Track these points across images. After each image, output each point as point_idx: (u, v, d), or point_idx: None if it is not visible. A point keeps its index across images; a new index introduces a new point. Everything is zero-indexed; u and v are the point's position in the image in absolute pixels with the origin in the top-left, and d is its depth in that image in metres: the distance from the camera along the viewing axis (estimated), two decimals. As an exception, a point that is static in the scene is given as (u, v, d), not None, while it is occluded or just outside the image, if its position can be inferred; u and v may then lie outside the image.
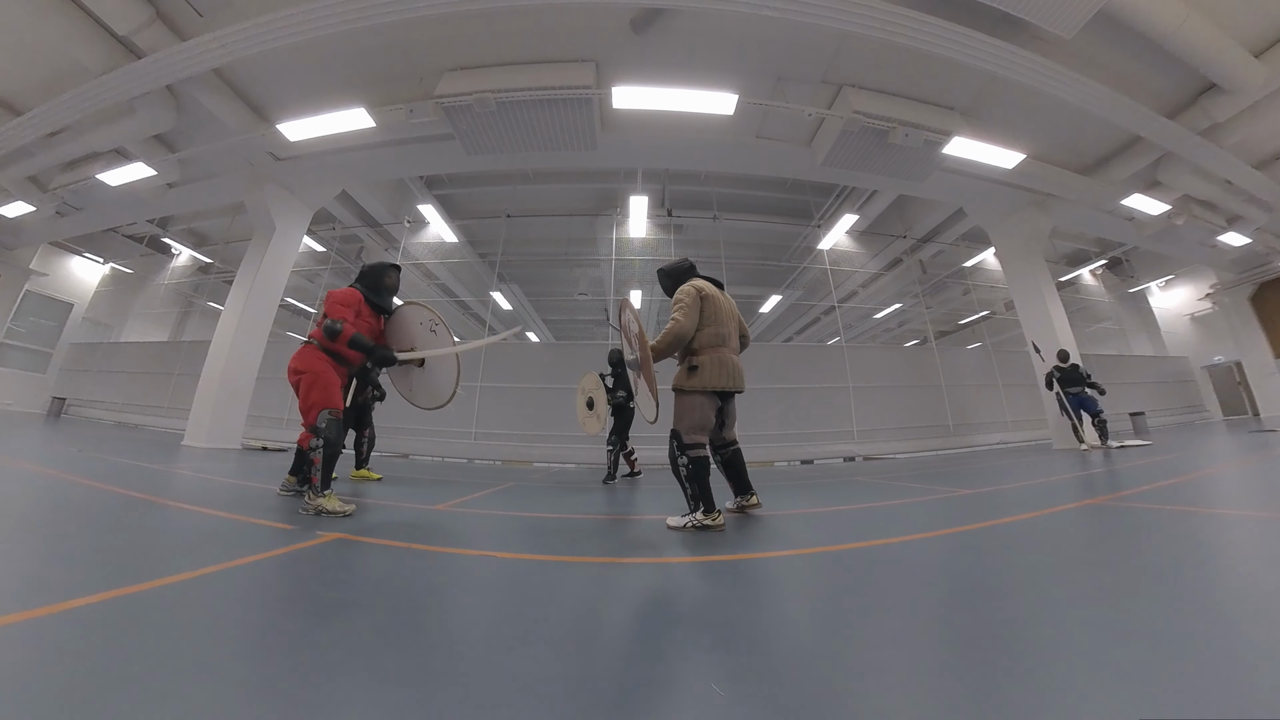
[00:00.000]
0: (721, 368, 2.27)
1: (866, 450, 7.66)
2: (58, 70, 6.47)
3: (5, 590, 1.07)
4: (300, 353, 2.52)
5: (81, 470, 3.13)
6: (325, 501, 2.24)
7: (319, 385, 2.42)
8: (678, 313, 2.30)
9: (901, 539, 1.90)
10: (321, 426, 2.33)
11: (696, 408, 2.25)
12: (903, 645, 0.95)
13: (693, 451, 2.19)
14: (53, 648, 0.80)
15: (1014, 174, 6.66)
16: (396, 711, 0.68)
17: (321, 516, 2.18)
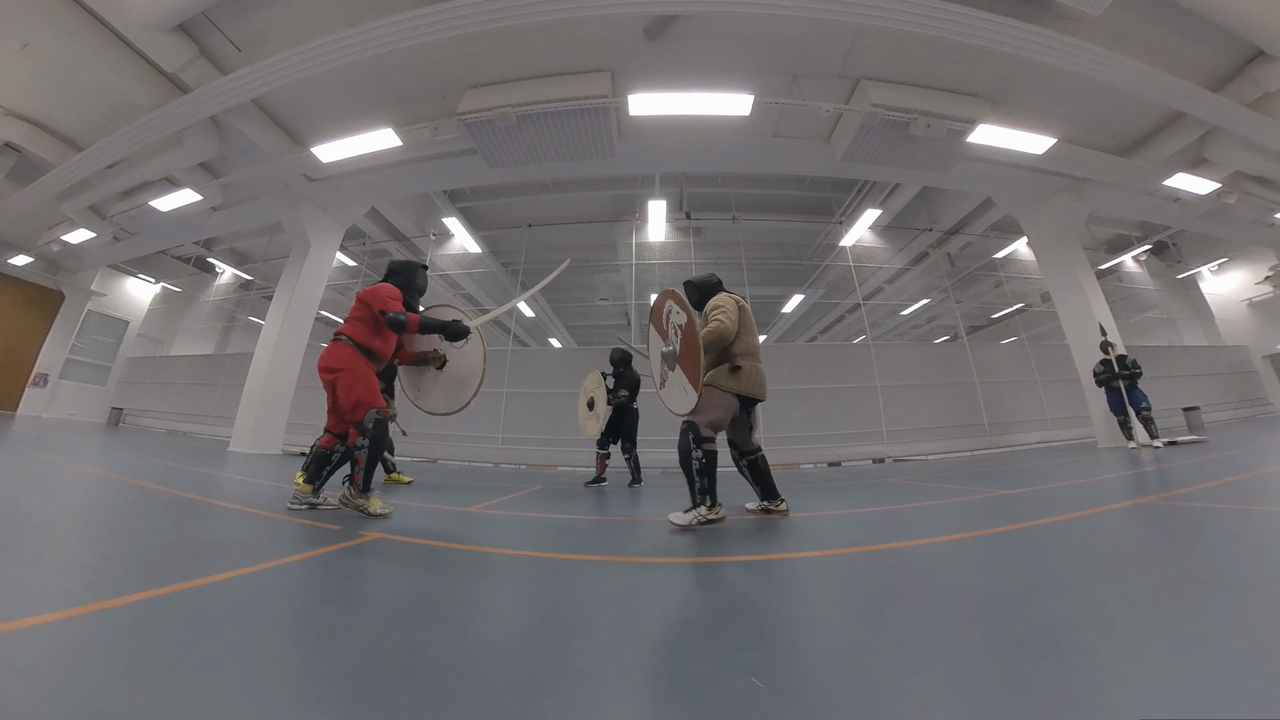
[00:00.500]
0: (758, 376, 2.41)
1: (897, 451, 7.45)
2: (114, 108, 6.99)
3: (83, 582, 1.17)
4: (333, 350, 2.40)
5: (142, 474, 3.36)
6: (368, 503, 2.23)
7: (361, 382, 2.34)
8: (721, 315, 2.41)
9: (937, 539, 1.86)
10: (369, 426, 2.27)
11: (723, 407, 2.33)
12: (941, 643, 0.94)
13: (708, 445, 2.26)
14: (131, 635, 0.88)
15: (1045, 159, 6.39)
16: (449, 695, 0.73)
17: (363, 517, 2.18)
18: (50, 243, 10.82)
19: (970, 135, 5.76)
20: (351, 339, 2.41)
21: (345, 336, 2.42)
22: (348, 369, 2.35)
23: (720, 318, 2.40)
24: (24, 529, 1.67)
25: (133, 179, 8.10)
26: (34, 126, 7.90)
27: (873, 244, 10.52)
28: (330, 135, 6.41)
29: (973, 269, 11.22)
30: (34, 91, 7.37)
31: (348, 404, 2.33)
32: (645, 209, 9.32)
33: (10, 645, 0.81)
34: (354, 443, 2.31)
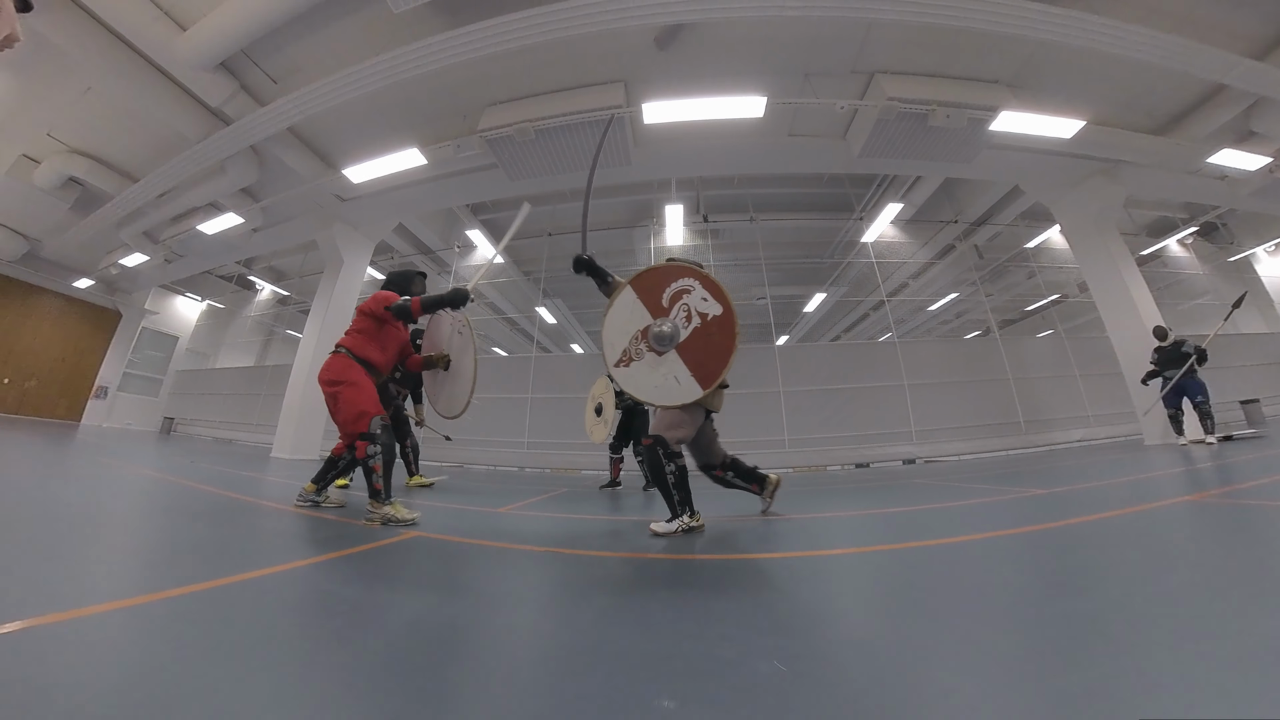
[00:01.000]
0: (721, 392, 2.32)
1: (927, 452, 7.24)
2: (165, 141, 7.50)
3: (156, 574, 1.30)
4: (331, 363, 2.43)
5: (196, 477, 3.60)
6: (392, 510, 2.24)
7: (364, 393, 2.37)
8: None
9: (965, 538, 1.83)
10: (377, 433, 2.29)
11: (693, 422, 2.24)
12: (963, 636, 0.95)
13: (679, 459, 2.19)
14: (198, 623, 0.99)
15: (1074, 143, 6.15)
16: (495, 673, 0.80)
17: (390, 526, 2.17)
18: (109, 266, 11.73)
19: (993, 123, 5.62)
20: (350, 350, 2.46)
21: (344, 349, 2.46)
22: (348, 381, 2.38)
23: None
24: (99, 525, 1.84)
25: (182, 205, 8.68)
26: (95, 162, 8.56)
27: (895, 239, 10.31)
28: (360, 157, 6.73)
29: (1002, 260, 10.85)
30: (95, 130, 7.99)
31: (350, 415, 2.33)
32: (662, 214, 9.40)
33: (96, 627, 0.92)
34: (364, 453, 2.28)
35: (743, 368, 7.69)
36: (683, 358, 2.13)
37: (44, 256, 12.20)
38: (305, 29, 5.38)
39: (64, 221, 10.30)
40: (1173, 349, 5.89)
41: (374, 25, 5.22)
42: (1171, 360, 5.84)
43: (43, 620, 0.86)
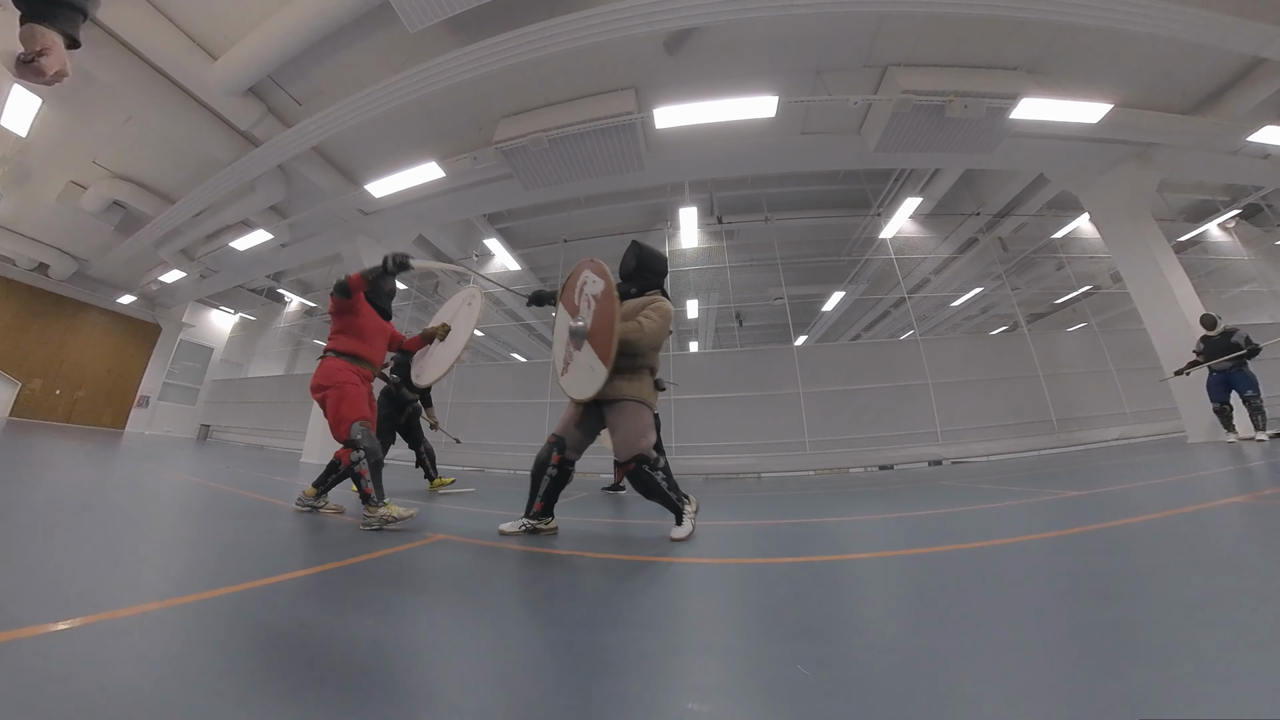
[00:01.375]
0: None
1: (954, 453, 7.02)
2: (200, 164, 7.87)
3: (208, 571, 1.37)
4: (321, 368, 2.44)
5: (234, 482, 3.75)
6: (387, 510, 2.20)
7: (347, 398, 2.35)
8: (658, 317, 2.11)
9: (994, 542, 1.78)
10: (358, 438, 2.27)
11: (650, 423, 2.12)
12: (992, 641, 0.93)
13: (661, 461, 2.13)
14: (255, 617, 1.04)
15: (1101, 127, 5.88)
16: (520, 675, 0.83)
17: (384, 530, 2.15)
18: (149, 283, 12.40)
19: (1013, 111, 5.46)
20: (337, 351, 2.46)
21: (331, 352, 2.47)
22: (335, 385, 2.37)
23: (656, 318, 2.10)
24: (145, 528, 1.94)
25: (215, 224, 9.10)
26: (136, 186, 9.03)
27: (915, 234, 10.08)
28: (381, 172, 6.94)
29: (1029, 252, 10.50)
30: (136, 156, 8.44)
31: (334, 420, 2.33)
32: (676, 217, 9.40)
33: (146, 625, 0.97)
34: (349, 460, 2.27)
35: (761, 369, 7.73)
36: (591, 344, 2.04)
37: (91, 275, 13.00)
38: (327, 52, 5.59)
39: (109, 242, 10.93)
40: (1221, 339, 5.53)
41: (391, 45, 5.40)
42: (1219, 351, 5.49)
43: (93, 619, 0.92)
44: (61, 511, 1.90)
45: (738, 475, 6.96)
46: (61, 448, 4.92)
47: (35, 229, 10.85)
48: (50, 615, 0.91)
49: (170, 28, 5.51)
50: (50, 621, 0.89)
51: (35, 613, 0.93)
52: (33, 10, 0.77)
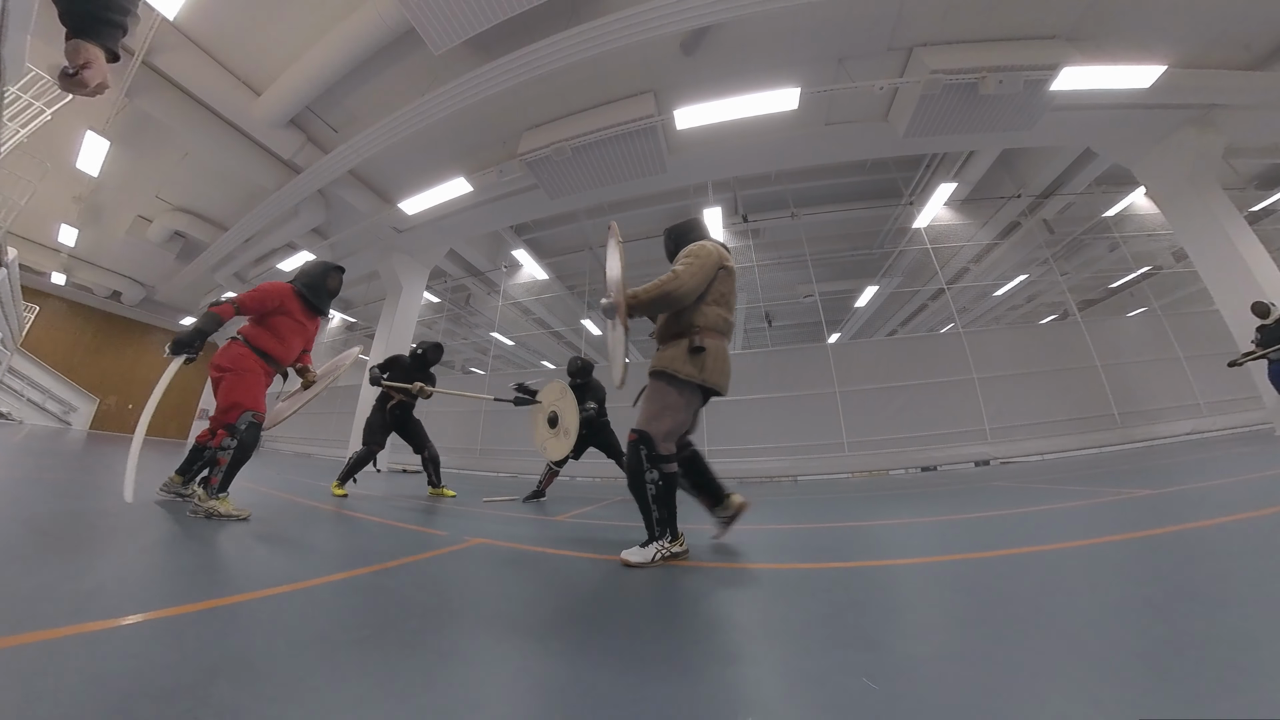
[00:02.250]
0: (726, 362, 1.79)
1: (1004, 452, 6.60)
2: (248, 193, 8.41)
3: (272, 569, 1.42)
4: (224, 349, 2.34)
5: (283, 488, 3.94)
6: (219, 504, 2.11)
7: (244, 385, 2.28)
8: (681, 266, 1.75)
9: (1061, 545, 1.66)
10: (241, 429, 2.20)
11: (684, 407, 1.73)
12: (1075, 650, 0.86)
13: (666, 465, 1.68)
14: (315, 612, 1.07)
15: (1154, 92, 5.45)
16: (563, 680, 0.82)
17: (213, 520, 2.05)
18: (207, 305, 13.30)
19: (1053, 83, 5.13)
20: (246, 339, 2.37)
21: (241, 337, 2.37)
22: (236, 370, 2.30)
23: (679, 270, 1.73)
24: (211, 529, 2.05)
25: (264, 247, 9.68)
26: (194, 216, 9.74)
27: (951, 221, 9.64)
28: (413, 190, 7.22)
29: (1078, 234, 9.85)
30: (193, 189, 9.10)
31: (224, 404, 2.27)
32: (701, 218, 9.36)
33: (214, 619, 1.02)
34: (220, 443, 2.21)
35: (794, 369, 7.54)
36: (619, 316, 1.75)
37: (157, 300, 14.18)
38: (359, 81, 5.88)
39: (171, 269, 11.83)
40: (1277, 326, 5.14)
41: (417, 68, 5.62)
42: (1277, 338, 5.10)
43: (158, 614, 0.97)
44: (131, 514, 2.04)
45: (773, 478, 6.80)
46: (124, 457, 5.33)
47: (109, 260, 11.92)
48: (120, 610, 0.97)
49: (218, 69, 5.93)
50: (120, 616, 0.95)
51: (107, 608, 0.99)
52: (78, 27, 0.85)
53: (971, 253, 10.52)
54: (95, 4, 0.85)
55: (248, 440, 2.22)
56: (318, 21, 5.29)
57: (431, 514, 2.99)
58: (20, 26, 2.67)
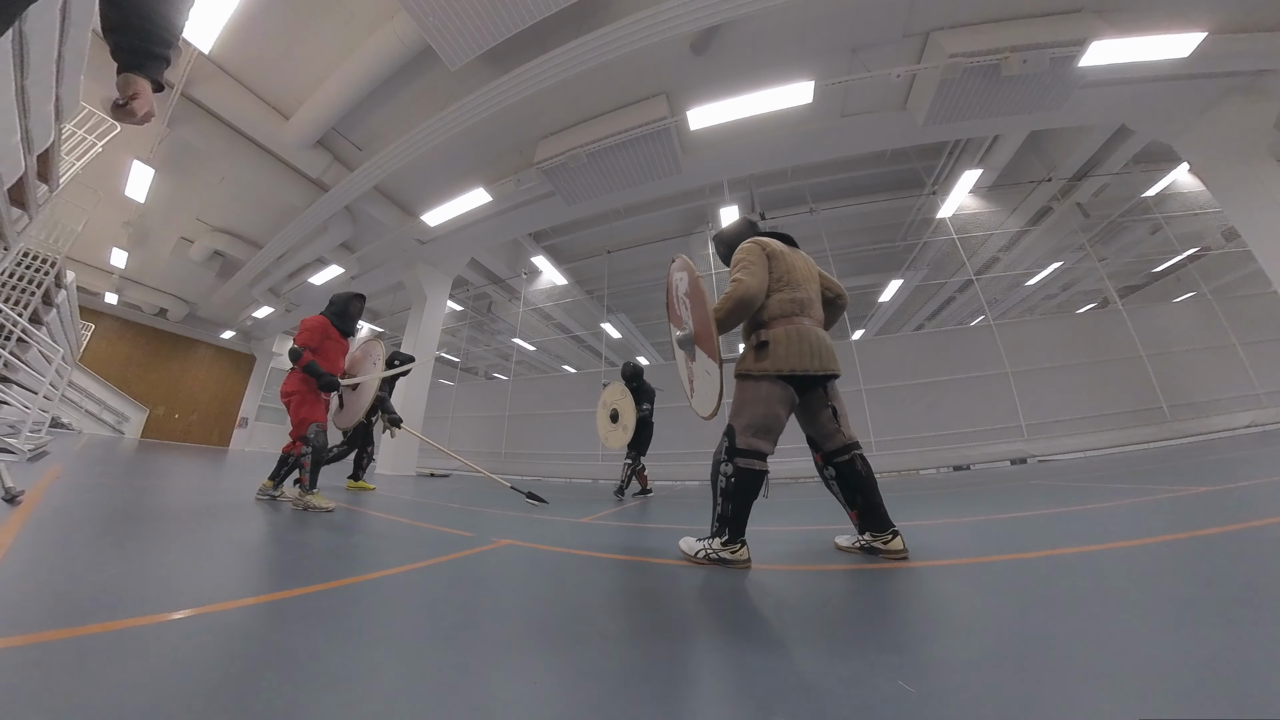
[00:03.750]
0: (802, 342, 1.70)
1: (1042, 449, 6.29)
2: (280, 212, 8.78)
3: (310, 568, 1.49)
4: (289, 377, 3.04)
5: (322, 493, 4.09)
6: (313, 498, 2.71)
7: (307, 403, 2.92)
8: (740, 273, 1.76)
9: (1109, 545, 1.58)
10: (310, 436, 2.84)
11: (762, 400, 1.68)
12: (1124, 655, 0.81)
13: (743, 460, 1.62)
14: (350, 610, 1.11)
15: (1194, 61, 5.11)
16: (592, 682, 0.84)
17: (309, 511, 2.62)
18: (245, 319, 14.10)
19: (1082, 59, 4.89)
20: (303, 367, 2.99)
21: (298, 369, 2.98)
22: (299, 392, 2.94)
23: (739, 275, 1.75)
24: (250, 530, 2.15)
25: (296, 263, 10.09)
26: (232, 236, 10.24)
27: (977, 209, 9.32)
28: (434, 202, 7.42)
29: (1115, 216, 9.38)
30: (229, 210, 9.57)
31: (296, 420, 2.91)
32: (717, 218, 9.33)
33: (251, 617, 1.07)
34: (299, 451, 2.86)
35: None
36: (700, 347, 1.81)
37: (199, 316, 15.07)
38: (380, 100, 6.09)
39: (212, 286, 12.47)
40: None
41: (435, 85, 5.79)
42: None
43: (205, 610, 1.03)
44: (180, 515, 2.17)
45: (796, 479, 6.70)
46: (181, 463, 5.62)
47: (156, 279, 12.67)
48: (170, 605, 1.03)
49: (250, 96, 6.24)
50: (169, 611, 1.01)
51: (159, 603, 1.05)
52: (127, 63, 0.94)
53: (1000, 241, 10.16)
54: (141, 40, 0.93)
55: (318, 444, 2.86)
56: (340, 46, 5.51)
57: (457, 516, 3.06)
58: (75, 69, 2.87)
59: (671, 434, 7.75)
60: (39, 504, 2.21)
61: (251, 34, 5.40)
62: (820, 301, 1.90)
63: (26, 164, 3.25)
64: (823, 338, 1.78)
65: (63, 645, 0.82)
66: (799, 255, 1.93)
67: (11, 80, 2.43)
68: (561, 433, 8.93)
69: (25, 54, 2.44)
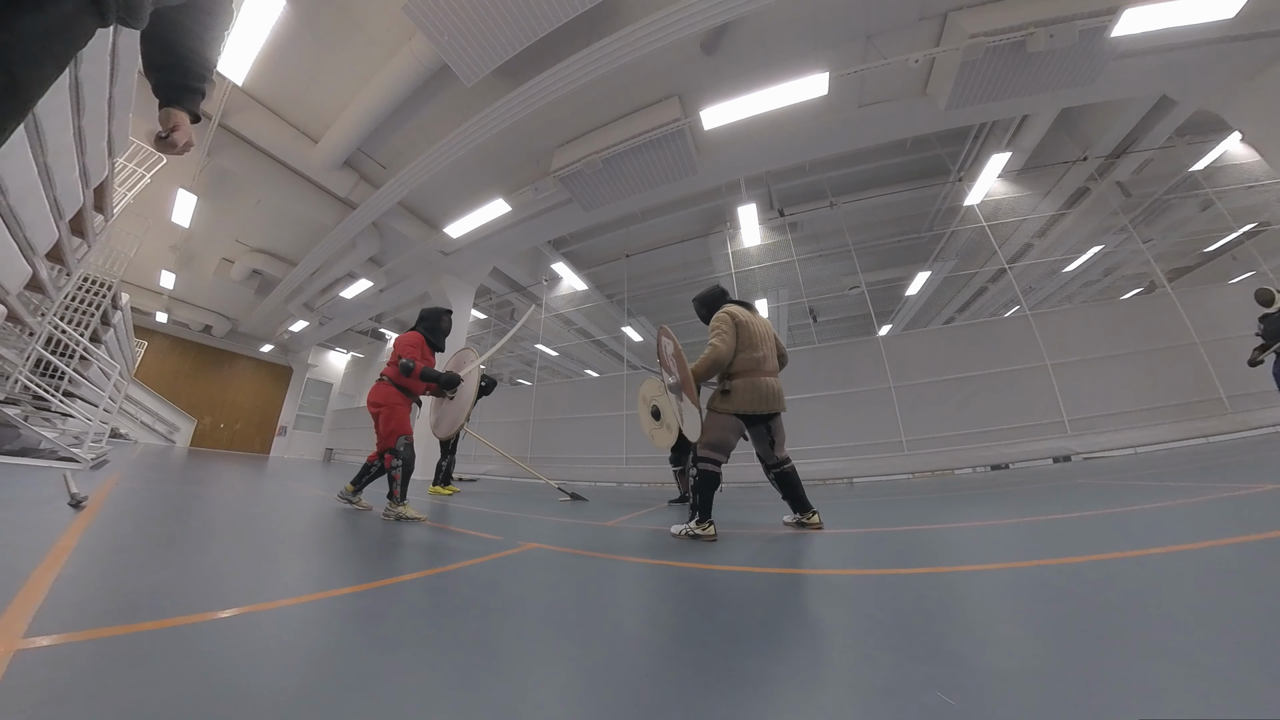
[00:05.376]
0: (755, 391, 2.40)
1: (1087, 446, 5.89)
2: (312, 231, 9.16)
3: (347, 571, 1.55)
4: (377, 388, 3.04)
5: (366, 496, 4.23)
6: (405, 509, 2.78)
7: (396, 416, 2.96)
8: (715, 339, 2.46)
9: (1168, 549, 1.47)
10: (400, 449, 2.88)
11: (719, 428, 2.41)
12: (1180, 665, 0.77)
13: (704, 464, 2.34)
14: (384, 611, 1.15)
15: (1242, 21, 4.77)
16: (615, 686, 0.85)
17: (401, 522, 2.69)
18: (282, 333, 14.81)
19: (1114, 29, 4.63)
20: (391, 380, 3.04)
21: (387, 378, 3.05)
22: (388, 405, 2.98)
23: (714, 341, 2.45)
24: (289, 533, 2.25)
25: (328, 278, 10.51)
26: (268, 255, 10.75)
27: (1007, 195, 8.93)
28: (456, 215, 7.63)
29: (1160, 194, 8.84)
30: (265, 231, 10.04)
31: (385, 432, 2.96)
32: (735, 216, 9.23)
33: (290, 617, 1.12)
34: (389, 464, 2.89)
35: (844, 365, 7.25)
36: (685, 393, 2.51)
37: (241, 331, 15.96)
38: (401, 120, 6.30)
39: (251, 303, 13.14)
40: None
41: (452, 101, 5.95)
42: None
43: (249, 610, 1.08)
44: (226, 519, 2.28)
45: (825, 481, 6.56)
46: (227, 470, 5.91)
47: (201, 298, 13.47)
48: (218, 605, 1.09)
49: (281, 123, 6.55)
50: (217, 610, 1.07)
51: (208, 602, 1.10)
52: (167, 98, 1.02)
53: (1034, 227, 9.73)
54: (179, 76, 1.01)
55: (407, 456, 2.92)
56: (362, 70, 5.73)
57: (486, 520, 3.12)
58: (124, 107, 3.07)
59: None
60: (101, 508, 2.37)
61: (280, 64, 5.68)
62: (775, 354, 2.58)
63: (85, 197, 3.50)
64: (772, 386, 2.45)
65: (120, 641, 0.87)
66: (759, 319, 2.62)
67: (70, 122, 2.63)
68: (585, 436, 8.99)
69: (80, 97, 2.63)
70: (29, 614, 0.95)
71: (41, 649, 0.81)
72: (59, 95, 2.38)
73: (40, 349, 4.31)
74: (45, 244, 3.14)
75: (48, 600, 1.04)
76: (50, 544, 1.54)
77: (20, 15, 0.55)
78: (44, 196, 2.78)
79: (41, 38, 0.58)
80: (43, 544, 1.53)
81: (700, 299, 2.82)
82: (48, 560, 1.36)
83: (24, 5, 0.55)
